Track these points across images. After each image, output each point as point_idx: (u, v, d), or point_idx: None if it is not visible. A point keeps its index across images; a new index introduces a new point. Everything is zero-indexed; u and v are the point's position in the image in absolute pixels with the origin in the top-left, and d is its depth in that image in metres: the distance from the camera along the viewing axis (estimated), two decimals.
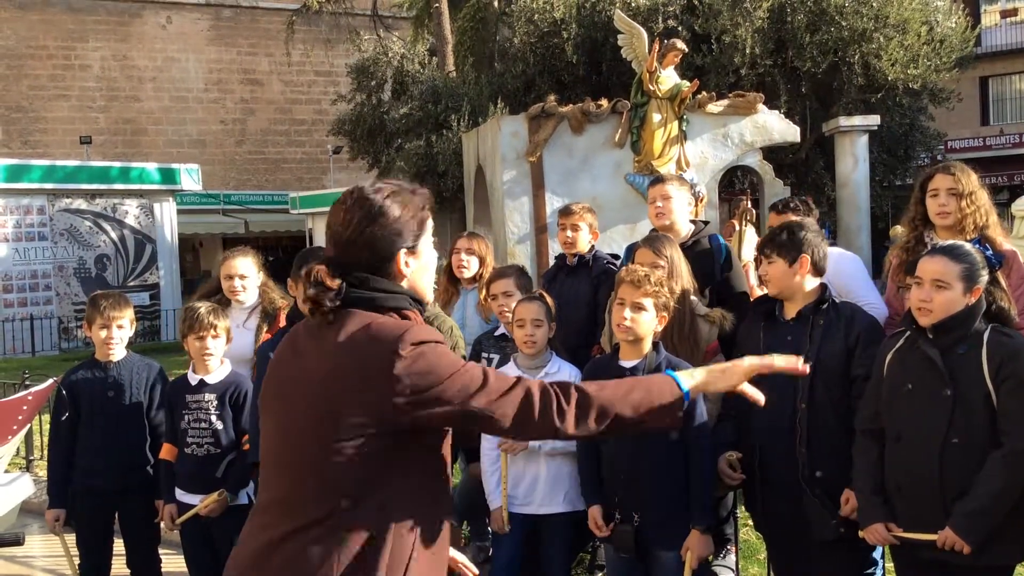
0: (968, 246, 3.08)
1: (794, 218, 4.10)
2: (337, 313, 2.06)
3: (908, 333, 3.10)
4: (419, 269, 2.17)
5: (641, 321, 3.43)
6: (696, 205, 7.44)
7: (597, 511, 3.59)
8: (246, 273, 4.70)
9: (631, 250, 4.57)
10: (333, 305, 2.04)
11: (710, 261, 4.40)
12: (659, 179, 4.60)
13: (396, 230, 2.10)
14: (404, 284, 2.14)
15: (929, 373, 2.99)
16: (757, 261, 3.67)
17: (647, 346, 3.48)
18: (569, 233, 4.84)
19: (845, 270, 4.07)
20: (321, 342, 2.07)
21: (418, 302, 2.16)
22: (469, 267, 5.00)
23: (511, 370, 4.04)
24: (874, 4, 14.30)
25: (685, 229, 4.47)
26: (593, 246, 4.92)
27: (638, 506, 3.47)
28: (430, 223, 2.20)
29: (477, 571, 2.45)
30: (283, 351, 2.20)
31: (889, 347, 3.17)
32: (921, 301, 3.00)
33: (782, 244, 3.49)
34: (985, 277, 3.01)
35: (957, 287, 2.97)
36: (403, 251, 2.11)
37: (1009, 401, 2.89)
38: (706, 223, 4.68)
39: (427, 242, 2.18)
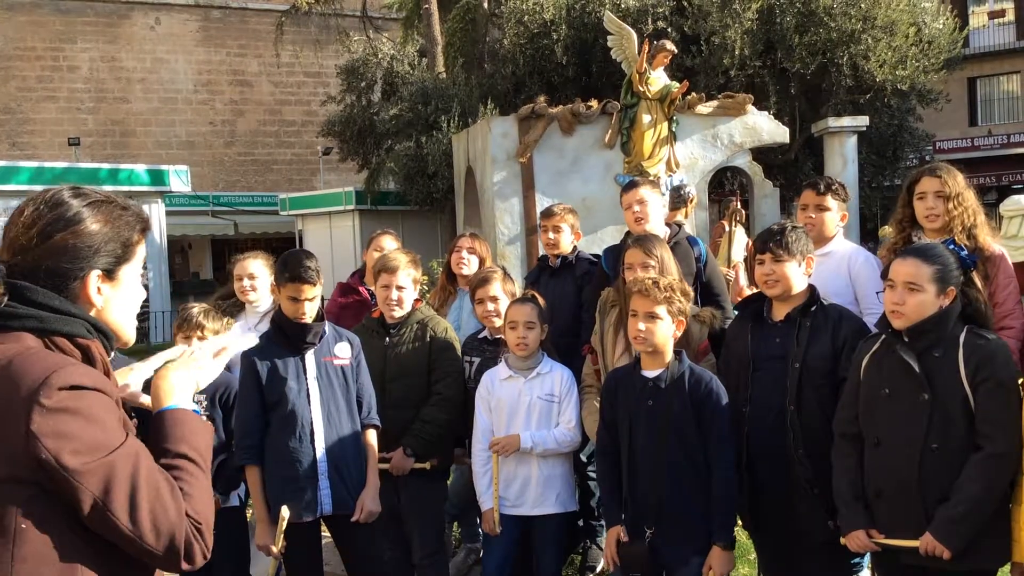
0: (941, 247, 3.04)
1: (832, 200, 4.11)
2: None
3: (884, 337, 3.08)
4: (116, 301, 1.79)
5: (656, 331, 3.35)
6: (686, 206, 7.48)
7: (620, 530, 3.43)
8: (256, 274, 4.72)
9: (609, 253, 4.56)
10: None
11: (692, 262, 4.40)
12: (632, 184, 4.53)
13: (90, 245, 1.73)
14: (91, 313, 1.76)
15: (906, 377, 2.96)
16: (748, 262, 3.66)
17: (668, 355, 3.41)
18: (551, 235, 4.84)
19: (863, 275, 4.02)
20: None
21: (103, 333, 1.76)
22: (469, 265, 5.00)
23: (502, 371, 4.04)
24: (862, 5, 14.36)
25: (662, 232, 4.46)
26: (576, 247, 4.92)
27: (654, 522, 3.34)
28: (141, 251, 1.84)
29: None
30: None
31: (865, 351, 3.14)
32: (894, 304, 2.97)
33: (792, 244, 3.45)
34: (959, 278, 2.98)
35: (930, 289, 2.93)
36: (96, 274, 1.74)
37: (987, 404, 2.87)
38: (680, 225, 4.68)
39: (132, 272, 1.82)
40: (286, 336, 3.77)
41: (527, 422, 3.95)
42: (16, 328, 1.67)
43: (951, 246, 3.06)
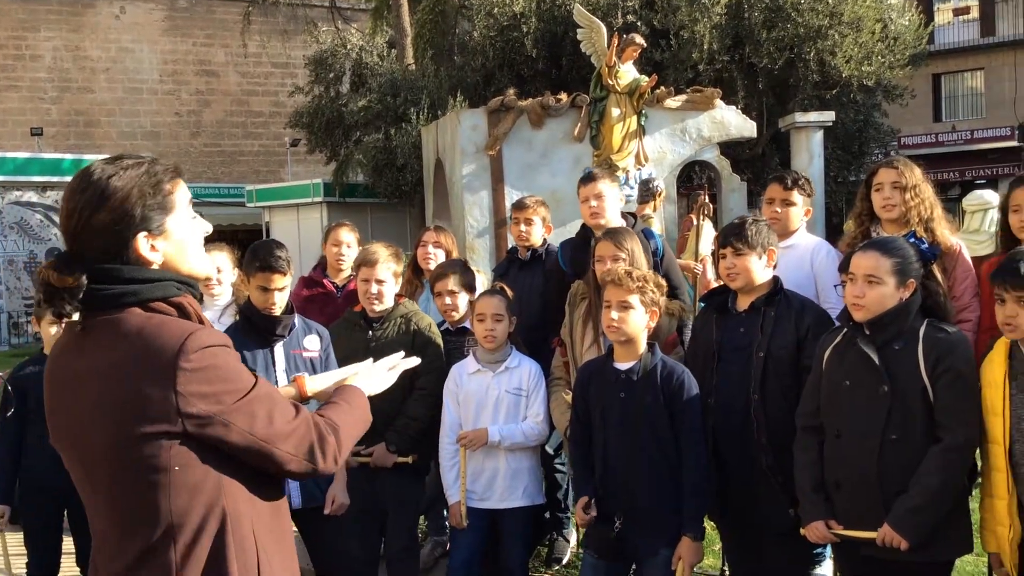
0: (901, 240, 3.08)
1: (799, 195, 4.11)
2: (93, 318, 1.84)
3: (845, 330, 3.10)
4: (174, 250, 1.92)
5: (629, 320, 3.34)
6: (655, 200, 7.51)
7: (588, 503, 3.40)
8: (221, 267, 4.66)
9: (565, 247, 4.57)
10: (71, 308, 1.81)
11: (649, 256, 4.41)
12: (590, 176, 4.52)
13: (127, 213, 1.84)
14: (154, 268, 1.90)
15: (866, 370, 2.99)
16: (715, 255, 3.68)
17: (641, 346, 3.40)
18: (523, 227, 4.84)
19: (825, 268, 4.01)
20: (86, 359, 1.83)
21: (188, 284, 1.94)
22: (436, 258, 5.00)
23: (470, 365, 4.03)
24: (829, 1, 14.48)
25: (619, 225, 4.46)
26: (546, 240, 4.92)
27: (624, 508, 3.34)
28: (180, 195, 1.95)
29: None
30: (51, 383, 1.92)
31: (827, 343, 3.17)
32: (855, 297, 3.00)
33: (753, 237, 3.47)
34: (919, 271, 3.01)
35: (890, 282, 2.96)
36: (143, 235, 1.86)
37: (946, 396, 2.90)
38: (634, 215, 4.69)
39: (180, 218, 1.93)
40: (255, 328, 3.74)
41: (495, 416, 3.96)
42: (121, 305, 1.82)
43: (912, 239, 3.09)
